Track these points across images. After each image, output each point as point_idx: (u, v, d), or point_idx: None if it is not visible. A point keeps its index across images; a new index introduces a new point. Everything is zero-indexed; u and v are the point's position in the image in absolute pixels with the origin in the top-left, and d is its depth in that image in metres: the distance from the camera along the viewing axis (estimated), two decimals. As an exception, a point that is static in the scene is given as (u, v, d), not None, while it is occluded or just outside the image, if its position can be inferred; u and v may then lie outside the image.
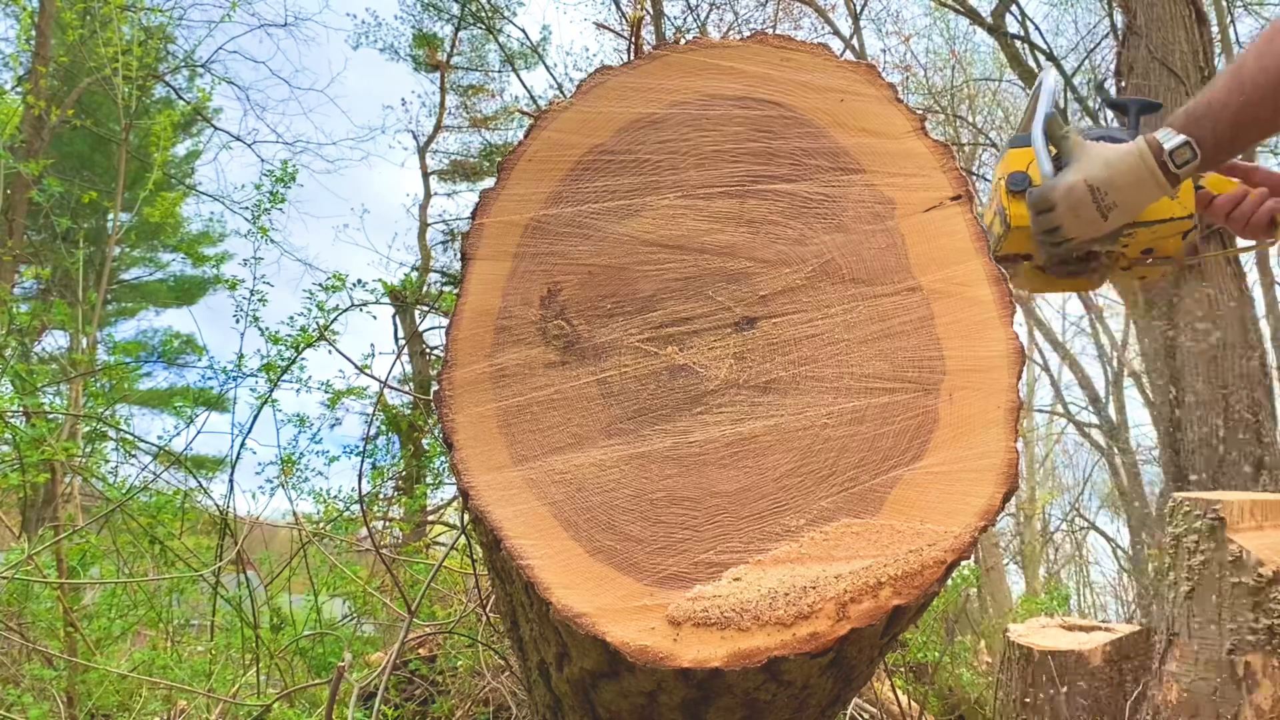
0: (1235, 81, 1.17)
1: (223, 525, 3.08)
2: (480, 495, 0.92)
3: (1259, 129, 1.20)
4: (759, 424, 0.94)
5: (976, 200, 1.05)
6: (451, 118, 15.85)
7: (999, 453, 0.89)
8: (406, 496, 5.53)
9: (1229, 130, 1.19)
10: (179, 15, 11.41)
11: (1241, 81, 1.16)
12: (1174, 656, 2.40)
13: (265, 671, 2.91)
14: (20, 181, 7.44)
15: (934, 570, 0.85)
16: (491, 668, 2.76)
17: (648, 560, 0.89)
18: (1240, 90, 1.17)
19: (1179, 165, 1.19)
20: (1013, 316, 0.96)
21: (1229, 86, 1.18)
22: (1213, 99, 1.19)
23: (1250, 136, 1.21)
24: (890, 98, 1.07)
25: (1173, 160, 1.19)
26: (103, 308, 9.65)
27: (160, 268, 17.06)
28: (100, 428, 4.17)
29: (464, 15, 14.59)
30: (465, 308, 1.01)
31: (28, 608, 2.83)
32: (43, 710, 2.37)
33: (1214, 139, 1.19)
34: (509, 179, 1.06)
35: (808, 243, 1.02)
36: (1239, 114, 1.17)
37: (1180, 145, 1.19)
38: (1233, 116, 1.18)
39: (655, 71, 1.10)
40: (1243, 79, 1.16)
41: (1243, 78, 1.16)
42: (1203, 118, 1.20)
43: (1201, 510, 2.37)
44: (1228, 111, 1.18)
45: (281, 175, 4.36)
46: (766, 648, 0.82)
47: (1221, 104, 1.18)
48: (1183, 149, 1.19)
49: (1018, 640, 3.27)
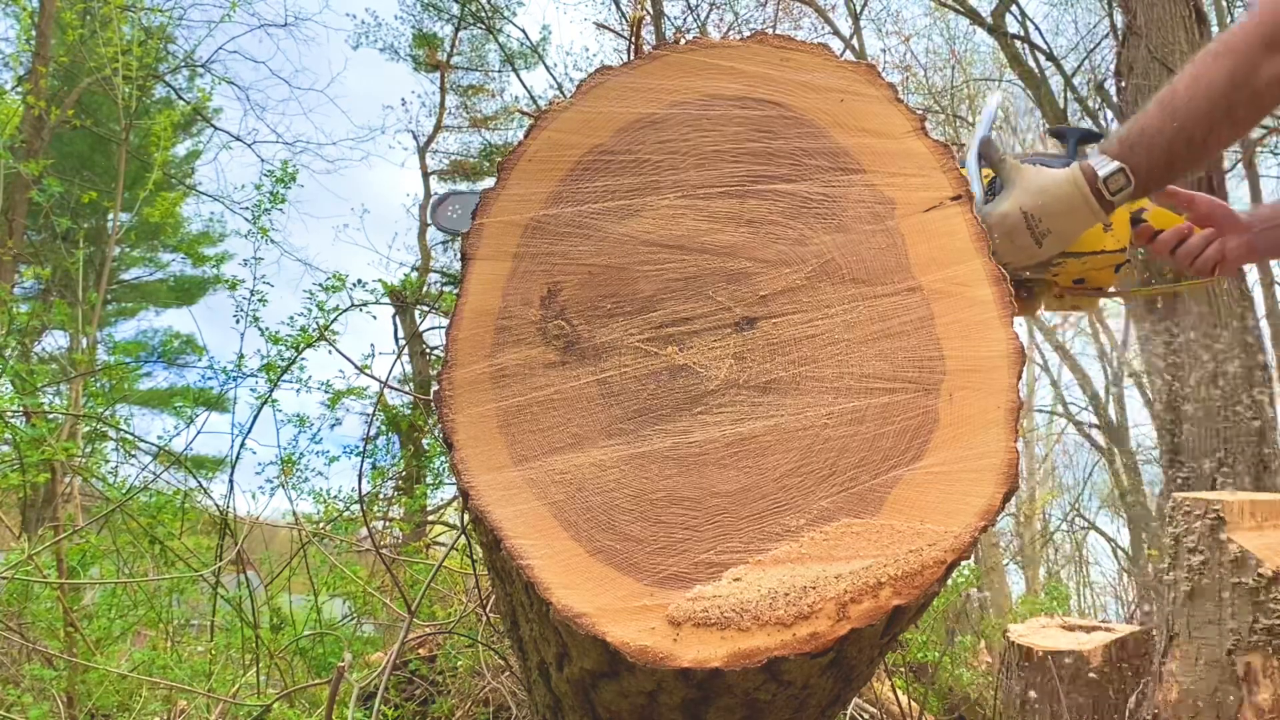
0: (1167, 109, 1.17)
1: (223, 525, 3.08)
2: (480, 495, 0.92)
3: (1192, 156, 1.20)
4: (759, 424, 0.94)
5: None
6: (451, 118, 15.85)
7: (999, 453, 0.89)
8: (406, 496, 5.53)
9: (1162, 157, 1.19)
10: (179, 15, 11.41)
11: (1174, 109, 1.17)
12: (1174, 656, 2.40)
13: (265, 671, 2.91)
14: (20, 181, 7.44)
15: (934, 570, 0.85)
16: (491, 668, 2.76)
17: (648, 560, 0.89)
18: (1172, 117, 1.17)
19: (1113, 192, 1.19)
20: (1013, 316, 0.96)
21: (1161, 114, 1.18)
22: (1145, 125, 1.19)
23: (1184, 163, 1.21)
24: (890, 98, 1.07)
25: (1106, 187, 1.19)
26: (103, 308, 9.66)
27: (160, 268, 17.06)
28: (100, 428, 4.17)
29: (464, 15, 14.59)
30: (465, 308, 1.01)
31: (28, 608, 2.83)
32: (43, 710, 2.37)
33: (1148, 166, 1.19)
34: (509, 179, 1.06)
35: (808, 243, 1.02)
36: (1172, 141, 1.17)
37: (1114, 172, 1.19)
38: (1166, 144, 1.18)
39: (655, 71, 1.10)
40: (1175, 106, 1.17)
41: (1175, 105, 1.17)
42: (1136, 145, 1.19)
43: (1201, 510, 2.37)
44: (1161, 138, 1.18)
45: (281, 175, 4.36)
46: (766, 648, 0.82)
47: (1155, 130, 1.18)
48: (1116, 176, 1.19)
49: (1018, 640, 3.27)
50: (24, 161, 5.91)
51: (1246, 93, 1.14)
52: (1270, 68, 1.12)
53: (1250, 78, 1.13)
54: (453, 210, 1.85)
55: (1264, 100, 1.15)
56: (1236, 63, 1.13)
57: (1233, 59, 1.13)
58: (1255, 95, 1.14)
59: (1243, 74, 1.13)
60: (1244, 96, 1.14)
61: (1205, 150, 1.19)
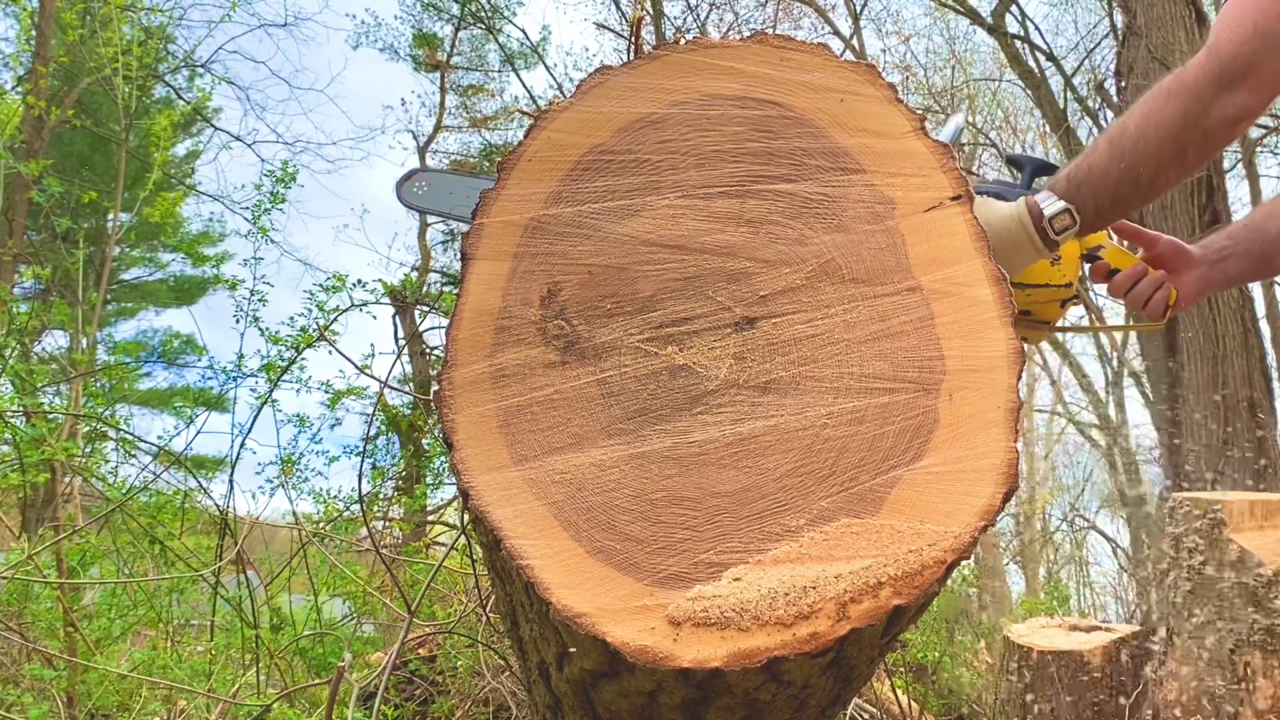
0: (1116, 148, 1.18)
1: (223, 525, 3.08)
2: (480, 495, 0.92)
3: (1138, 196, 1.20)
4: (759, 424, 0.94)
5: (976, 200, 1.05)
6: (451, 118, 15.85)
7: (999, 453, 0.89)
8: (406, 496, 5.53)
9: (1109, 198, 1.20)
10: (179, 15, 11.41)
11: (1123, 149, 1.17)
12: (1174, 656, 2.40)
13: (265, 671, 2.91)
14: (20, 181, 7.44)
15: (934, 570, 0.85)
16: (491, 668, 2.76)
17: (648, 560, 0.89)
18: (1121, 157, 1.17)
19: (1057, 231, 1.20)
20: (1013, 316, 0.96)
21: (1110, 152, 1.18)
22: (1094, 165, 1.20)
23: (1129, 203, 1.22)
24: (890, 98, 1.07)
25: (1051, 226, 1.20)
26: (103, 308, 9.66)
27: (160, 268, 17.05)
28: (100, 428, 4.17)
29: (464, 15, 14.59)
30: (465, 308, 1.01)
31: (28, 608, 2.83)
32: (43, 710, 2.37)
33: (1094, 205, 1.20)
34: (509, 179, 1.06)
35: (808, 243, 1.02)
36: (1119, 181, 1.18)
37: (1059, 212, 1.20)
38: (1113, 184, 1.19)
39: (655, 71, 1.10)
40: (1124, 146, 1.17)
41: (1124, 145, 1.17)
42: (1083, 184, 1.20)
43: (1201, 510, 2.37)
44: (1108, 179, 1.18)
45: (281, 175, 4.36)
46: (766, 648, 0.82)
47: (1102, 171, 1.19)
48: (1061, 215, 1.20)
49: (1018, 640, 3.27)
50: (24, 161, 5.91)
51: (1198, 133, 1.14)
52: (1222, 107, 1.12)
53: (1202, 118, 1.13)
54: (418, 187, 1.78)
55: (1214, 140, 1.15)
56: (1188, 102, 1.13)
57: (1185, 98, 1.13)
58: (1206, 135, 1.14)
59: (1194, 113, 1.13)
60: (1195, 136, 1.14)
61: (1152, 189, 1.20)
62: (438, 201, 1.73)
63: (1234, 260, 1.43)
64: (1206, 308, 5.45)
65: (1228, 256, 1.43)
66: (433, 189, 1.75)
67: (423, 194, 1.75)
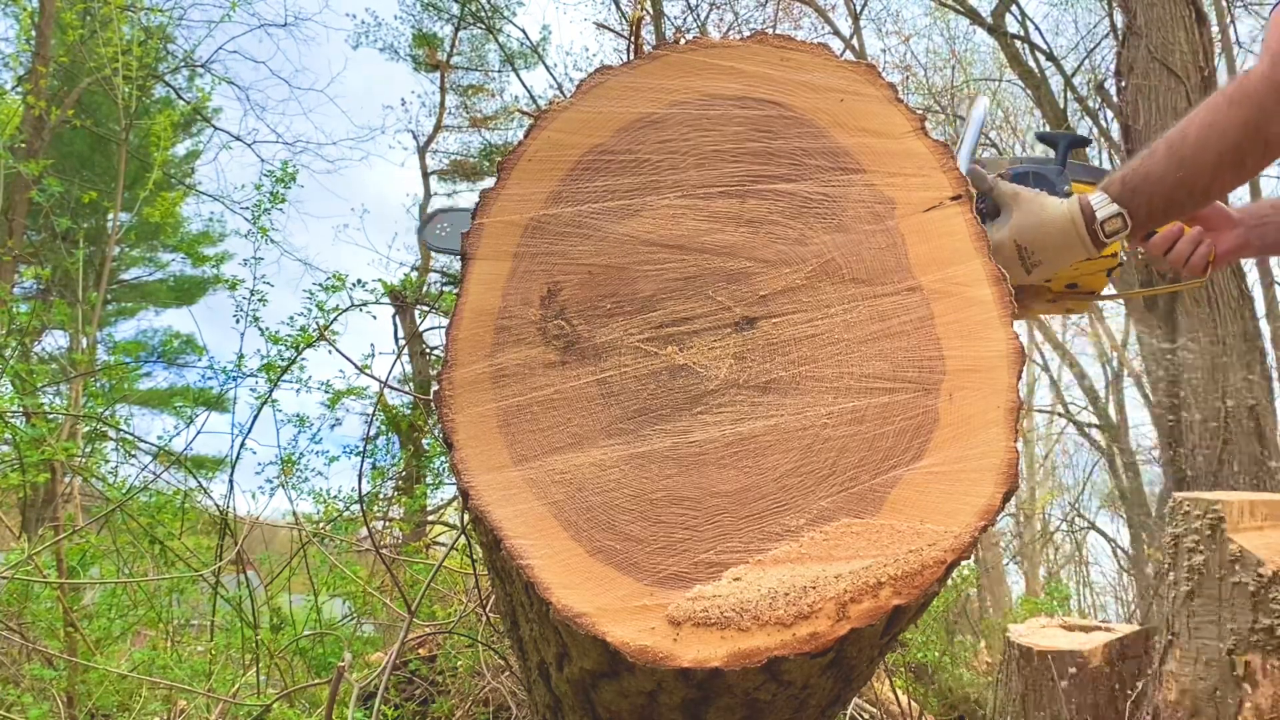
0: (1175, 155, 1.18)
1: (223, 525, 3.08)
2: (480, 495, 0.92)
3: (1192, 202, 1.22)
4: (759, 424, 0.94)
5: (976, 200, 1.05)
6: (451, 118, 15.86)
7: (999, 452, 0.89)
8: (406, 496, 5.53)
9: (1163, 202, 1.21)
10: (179, 15, 11.41)
11: (1182, 157, 1.18)
12: (1174, 656, 2.40)
13: (265, 671, 2.91)
14: (20, 181, 7.44)
15: (934, 570, 0.85)
16: (491, 668, 2.76)
17: (648, 560, 0.88)
18: (1180, 165, 1.18)
19: (1109, 235, 1.21)
20: (1013, 316, 0.96)
21: (1168, 159, 1.19)
22: (1150, 170, 1.21)
23: (1183, 208, 1.24)
24: (890, 98, 1.07)
25: (1103, 229, 1.21)
26: (103, 308, 9.66)
27: (160, 268, 17.05)
28: (100, 428, 4.17)
29: (464, 15, 14.59)
30: (465, 308, 1.01)
31: (28, 608, 2.83)
32: (43, 710, 2.37)
33: (1147, 210, 1.22)
34: (509, 179, 1.06)
35: (808, 243, 1.02)
36: (1175, 187, 1.19)
37: (1113, 215, 1.21)
38: (1169, 190, 1.20)
39: (655, 71, 1.10)
40: (1183, 154, 1.18)
41: (1184, 152, 1.18)
42: (1138, 189, 1.21)
43: (1201, 510, 2.37)
44: (1164, 185, 1.19)
45: (281, 175, 4.36)
46: (766, 648, 0.82)
47: (1158, 177, 1.20)
48: (1115, 219, 1.21)
49: (1018, 640, 3.27)
50: (24, 161, 5.91)
51: (1259, 141, 1.14)
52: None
53: (1264, 127, 1.13)
54: (441, 228, 1.78)
55: (1274, 149, 1.15)
56: (1250, 111, 1.13)
57: (1248, 107, 1.13)
58: (1266, 144, 1.14)
59: (1256, 122, 1.13)
60: (1257, 145, 1.14)
61: (1206, 196, 1.21)
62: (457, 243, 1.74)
63: (1273, 229, 1.43)
64: (1206, 308, 5.44)
65: (1268, 223, 1.43)
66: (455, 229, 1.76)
67: (446, 235, 1.77)
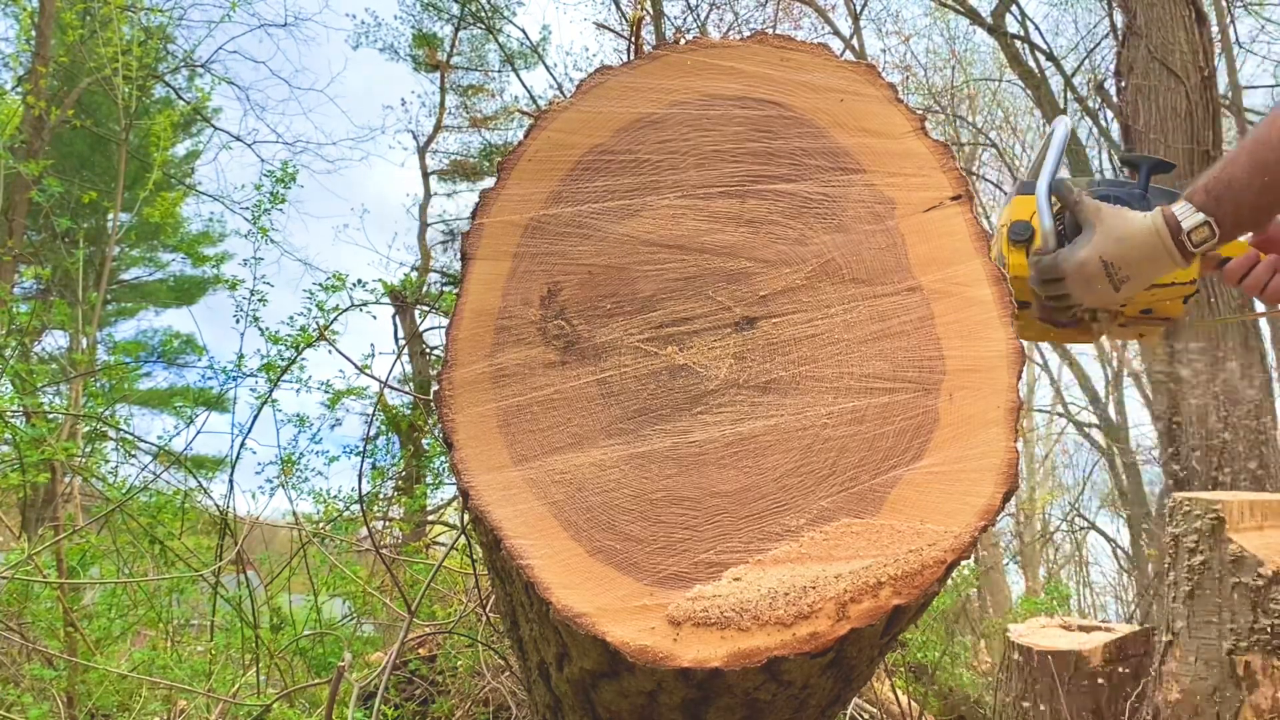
0: (1259, 161, 1.16)
1: (223, 525, 3.08)
2: (480, 495, 0.92)
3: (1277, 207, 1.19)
4: (759, 424, 0.94)
5: (976, 199, 1.04)
6: (451, 118, 15.85)
7: (999, 452, 0.89)
8: (406, 496, 5.52)
9: (1250, 210, 1.18)
10: (179, 15, 11.41)
11: (1266, 162, 1.15)
12: (1174, 656, 2.40)
13: (265, 671, 2.91)
14: (20, 181, 7.44)
15: (934, 570, 0.85)
16: (491, 668, 2.76)
17: (648, 560, 0.89)
18: (1264, 170, 1.15)
19: (1196, 244, 1.19)
20: (1013, 316, 0.96)
21: (1252, 165, 1.16)
22: (1234, 177, 1.18)
23: (1270, 214, 1.21)
24: (890, 98, 1.07)
25: (1190, 239, 1.19)
26: (103, 308, 9.66)
27: (160, 268, 17.05)
28: (100, 428, 4.17)
29: (464, 15, 14.59)
30: (465, 308, 1.01)
31: (28, 608, 2.83)
32: (43, 710, 2.37)
33: (1234, 218, 1.19)
34: (509, 179, 1.06)
35: (808, 243, 1.02)
36: (1261, 194, 1.17)
37: (1200, 224, 1.18)
38: (1255, 197, 1.17)
39: (655, 71, 1.10)
40: (1266, 159, 1.15)
41: (1266, 158, 1.15)
42: (1222, 197, 1.19)
43: (1201, 510, 2.37)
44: (1249, 192, 1.17)
45: (281, 175, 4.36)
46: (766, 647, 0.82)
47: (1243, 185, 1.17)
48: (1201, 228, 1.18)
49: (1018, 640, 3.27)
50: (24, 161, 5.91)
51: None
52: None
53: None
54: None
55: None
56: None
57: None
58: None
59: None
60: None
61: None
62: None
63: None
64: (1206, 308, 5.44)
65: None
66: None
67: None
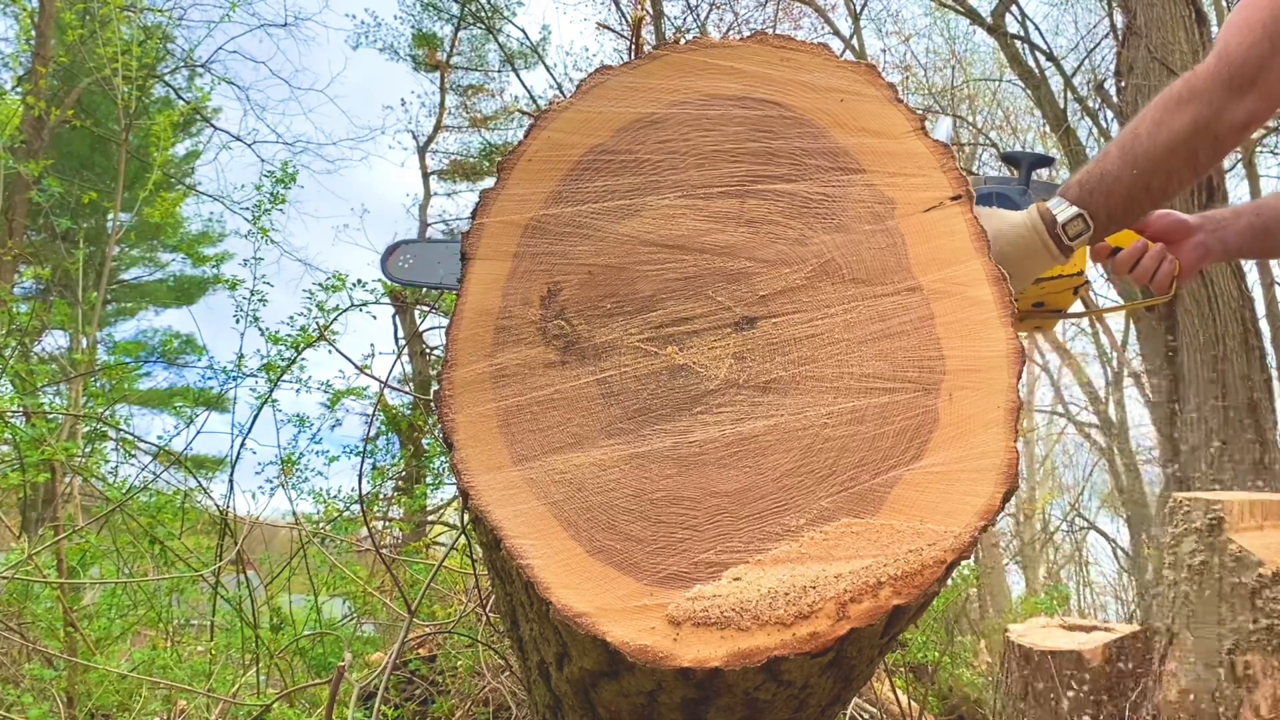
0: (1128, 156, 1.19)
1: (223, 525, 3.08)
2: (480, 495, 0.92)
3: (1150, 201, 1.22)
4: (759, 424, 0.94)
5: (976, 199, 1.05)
6: (451, 118, 15.86)
7: (999, 452, 0.89)
8: (406, 496, 5.53)
9: (1121, 203, 1.21)
10: (179, 15, 11.41)
11: (1135, 156, 1.18)
12: (1174, 656, 2.40)
13: (265, 671, 2.91)
14: (20, 181, 7.44)
15: (934, 570, 0.85)
16: (491, 668, 2.76)
17: (648, 560, 0.89)
18: (1133, 164, 1.18)
19: (1071, 237, 1.21)
20: (1013, 316, 0.96)
21: (1122, 159, 1.19)
22: (1106, 171, 1.21)
23: (1142, 208, 1.24)
24: (890, 98, 1.07)
25: (1065, 232, 1.21)
26: (103, 308, 9.65)
27: (160, 268, 17.06)
28: (100, 428, 4.17)
29: (464, 15, 14.59)
30: (465, 308, 1.01)
31: (28, 608, 2.83)
32: (43, 710, 2.37)
33: (1107, 211, 1.21)
34: (509, 179, 1.06)
35: (808, 243, 1.02)
36: (1131, 187, 1.19)
37: (1073, 218, 1.20)
38: (1125, 190, 1.20)
39: (655, 71, 1.10)
40: (1136, 153, 1.18)
41: (1136, 152, 1.18)
42: (1095, 190, 1.21)
43: (1201, 510, 2.37)
44: (1120, 185, 1.19)
45: (281, 176, 4.36)
46: (766, 647, 0.82)
47: (1114, 177, 1.20)
48: (1075, 221, 1.20)
49: (1018, 640, 3.28)
50: (24, 161, 5.91)
51: (1209, 138, 1.15)
52: (1233, 112, 1.14)
53: (1213, 123, 1.14)
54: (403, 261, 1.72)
55: (1225, 145, 1.17)
56: (1200, 108, 1.14)
57: (1197, 105, 1.15)
58: (1217, 140, 1.16)
59: (1205, 119, 1.14)
60: (1207, 141, 1.15)
61: (1164, 194, 1.21)
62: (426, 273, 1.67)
63: (1233, 232, 1.44)
64: (1207, 308, 5.44)
65: (1227, 227, 1.44)
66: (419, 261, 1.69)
67: (409, 268, 1.68)
